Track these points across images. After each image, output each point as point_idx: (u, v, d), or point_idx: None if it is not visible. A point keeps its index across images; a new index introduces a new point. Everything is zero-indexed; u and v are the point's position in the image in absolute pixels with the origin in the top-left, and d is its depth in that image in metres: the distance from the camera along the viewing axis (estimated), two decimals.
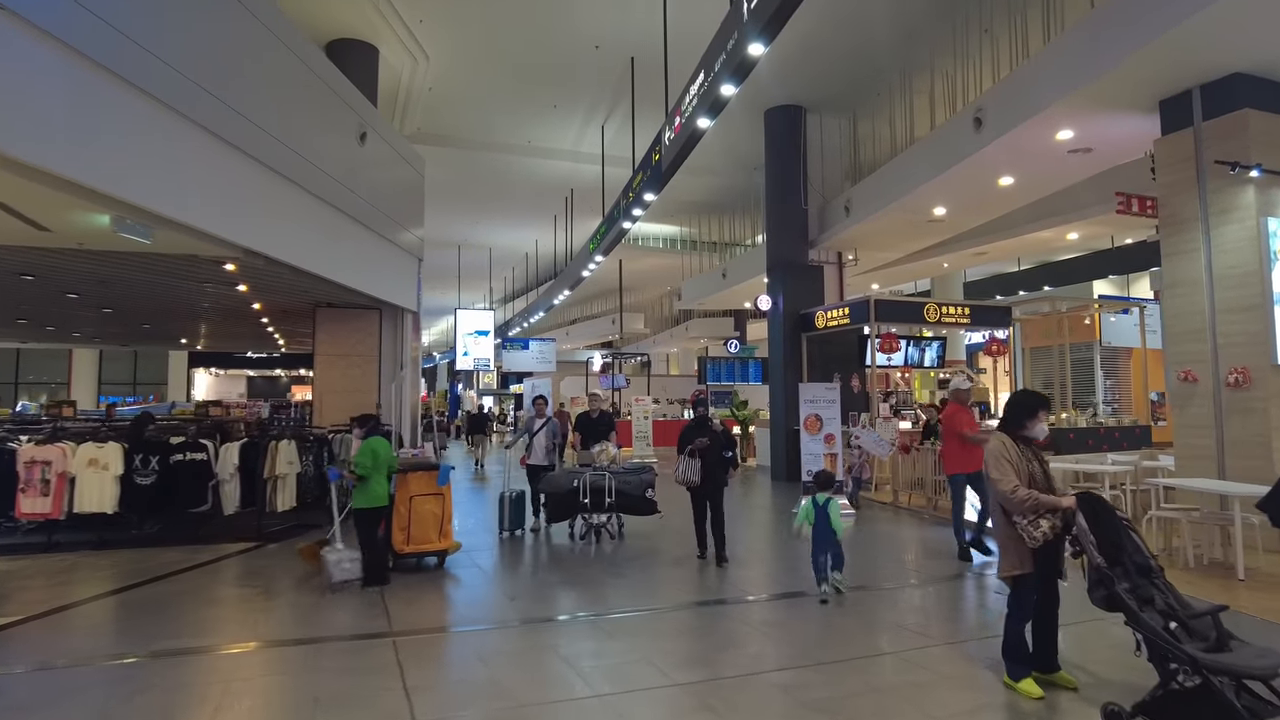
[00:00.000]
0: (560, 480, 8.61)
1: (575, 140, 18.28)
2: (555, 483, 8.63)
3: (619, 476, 8.54)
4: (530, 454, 9.64)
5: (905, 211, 13.69)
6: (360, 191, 11.35)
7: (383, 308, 13.17)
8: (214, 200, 7.27)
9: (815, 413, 10.75)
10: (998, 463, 4.20)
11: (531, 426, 9.82)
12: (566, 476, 8.58)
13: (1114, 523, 3.78)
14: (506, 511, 9.32)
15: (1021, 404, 4.44)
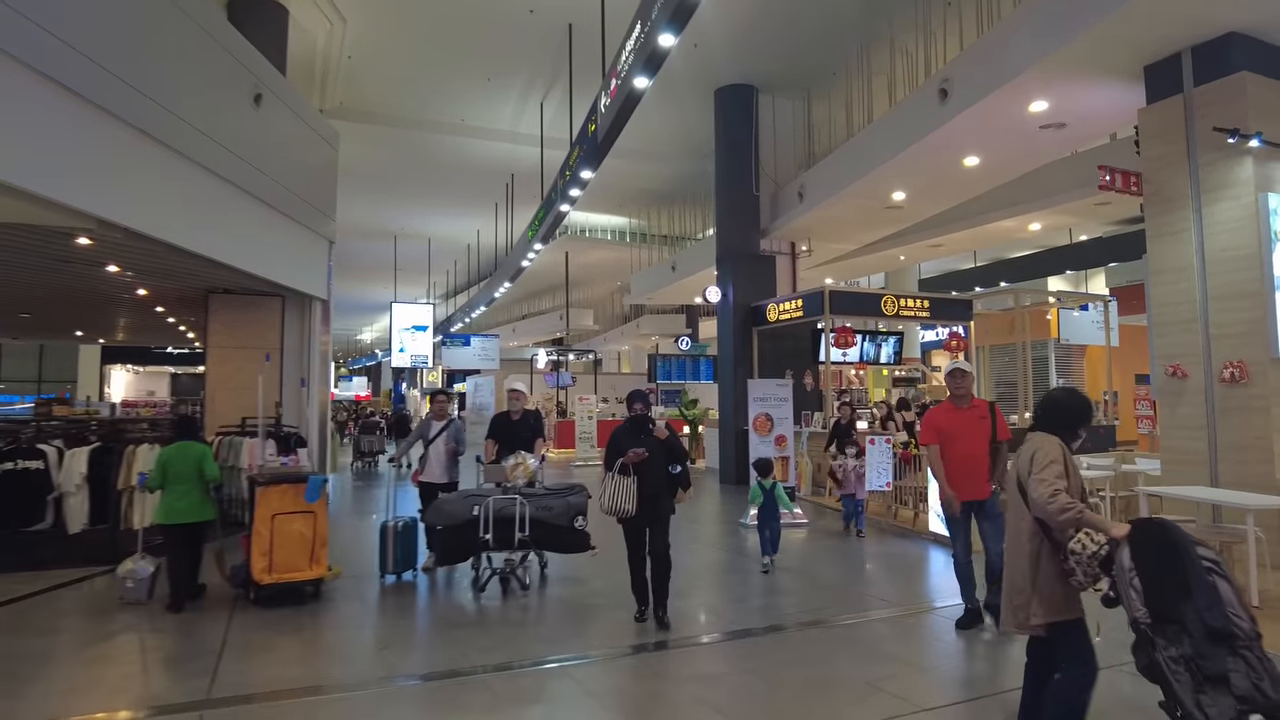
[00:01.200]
0: (454, 507, 6.26)
1: (513, 119, 17.01)
2: (447, 510, 6.25)
3: (537, 500, 6.30)
4: (424, 468, 7.28)
5: (863, 196, 12.76)
6: (257, 163, 9.99)
7: (286, 295, 11.76)
8: (49, 157, 5.93)
9: (765, 412, 9.71)
10: (1045, 464, 3.17)
11: (426, 432, 7.41)
12: (463, 502, 6.27)
13: (1181, 562, 2.73)
14: (390, 547, 6.84)
15: (1074, 407, 3.44)
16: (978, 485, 5.26)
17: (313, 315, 12.16)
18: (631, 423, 5.63)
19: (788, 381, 10.05)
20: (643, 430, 5.57)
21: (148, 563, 6.26)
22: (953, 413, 5.43)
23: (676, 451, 5.63)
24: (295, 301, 12.10)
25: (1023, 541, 3.30)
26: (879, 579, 6.99)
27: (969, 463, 5.26)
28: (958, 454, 5.28)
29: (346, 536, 9.21)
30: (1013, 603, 3.34)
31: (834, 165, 12.96)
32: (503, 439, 7.02)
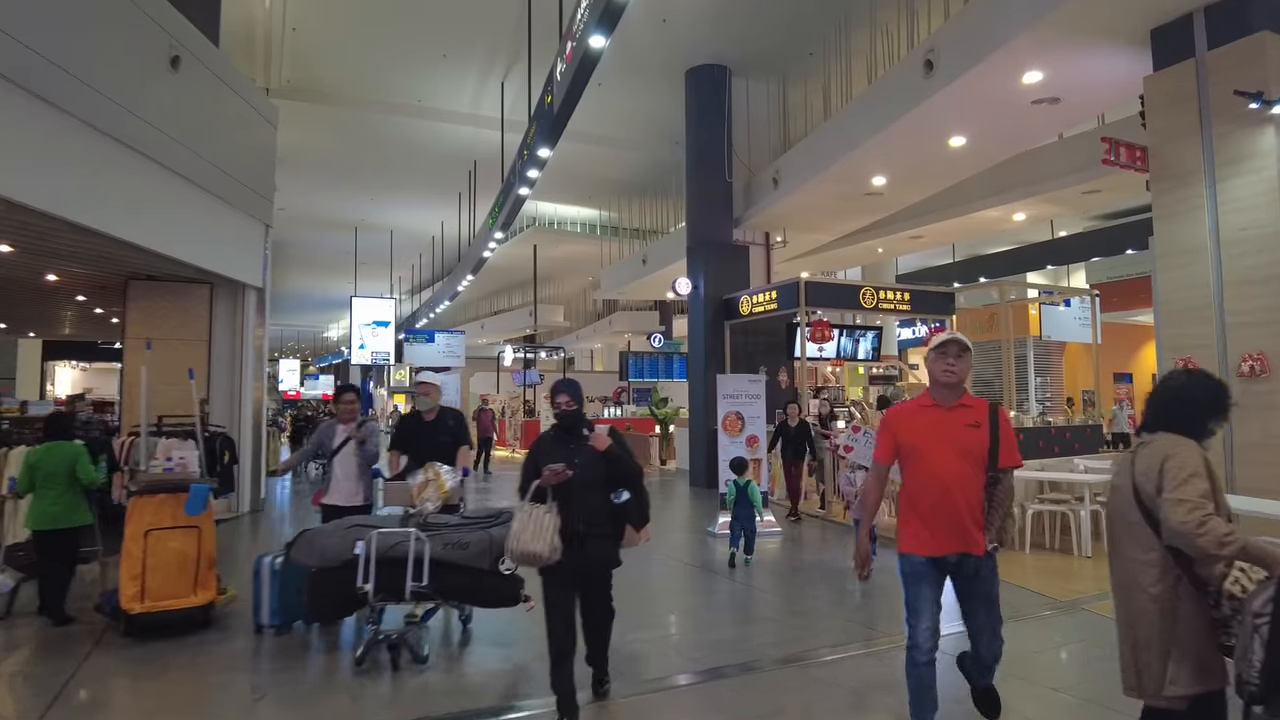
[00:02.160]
0: (330, 541, 4.48)
1: (473, 101, 16.06)
2: (320, 545, 4.49)
3: (446, 534, 4.48)
4: (328, 485, 5.54)
5: (841, 181, 11.99)
6: (177, 134, 9.01)
7: (215, 282, 10.76)
8: None
9: (736, 410, 8.90)
10: (1185, 478, 2.35)
11: (328, 439, 5.61)
12: (345, 534, 4.48)
13: None
14: (265, 591, 5.07)
15: (1208, 397, 2.55)
16: (959, 530, 3.19)
17: (246, 305, 11.16)
18: (557, 430, 3.88)
19: (760, 377, 9.25)
20: (571, 437, 3.80)
21: (8, 576, 5.55)
22: (927, 414, 3.30)
23: (622, 470, 3.78)
24: (227, 290, 11.09)
25: (1145, 581, 2.48)
26: (863, 601, 6.19)
27: (948, 492, 3.17)
28: (931, 476, 3.21)
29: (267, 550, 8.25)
30: (1137, 663, 2.51)
31: (811, 148, 12.19)
32: (412, 447, 5.41)
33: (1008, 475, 3.26)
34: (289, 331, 57.82)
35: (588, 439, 3.77)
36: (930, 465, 3.21)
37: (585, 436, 3.79)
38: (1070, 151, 12.24)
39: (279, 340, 60.00)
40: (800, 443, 9.65)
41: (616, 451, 3.76)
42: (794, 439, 9.62)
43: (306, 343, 62.22)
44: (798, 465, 9.79)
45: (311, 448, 5.96)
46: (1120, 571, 2.60)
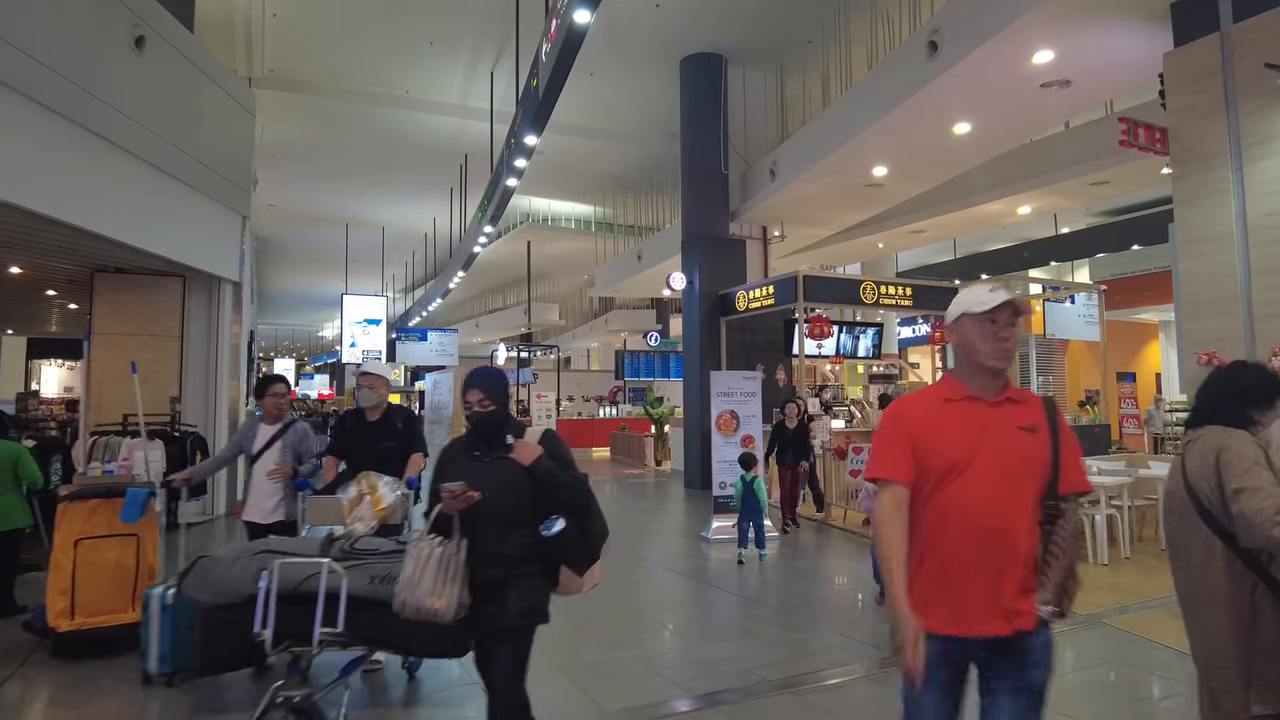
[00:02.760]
0: (229, 572, 3.50)
1: (462, 91, 15.62)
2: (217, 577, 3.51)
3: (371, 566, 3.47)
4: (249, 498, 4.67)
5: (841, 172, 11.56)
6: (146, 120, 8.61)
7: (189, 275, 10.32)
8: None
9: (730, 408, 8.47)
10: (1246, 467, 2.17)
11: (248, 442, 4.74)
12: (249, 562, 3.49)
13: None
14: (154, 631, 4.05)
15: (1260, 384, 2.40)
16: (1010, 595, 2.02)
17: (221, 299, 10.71)
18: (470, 436, 2.84)
19: (756, 374, 8.82)
20: (487, 445, 2.77)
21: None
22: (962, 411, 2.10)
23: (555, 489, 2.71)
24: (201, 283, 10.65)
25: (1215, 592, 2.21)
26: (867, 614, 5.75)
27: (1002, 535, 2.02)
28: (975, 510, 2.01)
29: None
30: (1210, 685, 2.24)
31: (810, 137, 11.75)
32: (351, 453, 4.49)
33: (1073, 505, 2.07)
34: (284, 331, 57.36)
35: (510, 448, 2.70)
36: (973, 493, 1.97)
37: (507, 445, 2.72)
38: (1078, 141, 11.83)
39: (274, 339, 59.56)
40: (801, 445, 9.08)
41: (546, 465, 2.67)
42: (793, 441, 9.04)
43: (301, 342, 61.73)
44: (796, 470, 9.13)
45: (228, 452, 5.04)
46: (1186, 584, 2.31)
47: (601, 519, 2.85)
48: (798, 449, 9.01)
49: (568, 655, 4.58)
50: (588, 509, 2.79)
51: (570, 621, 5.25)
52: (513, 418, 2.91)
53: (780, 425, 9.07)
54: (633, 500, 12.58)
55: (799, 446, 9.01)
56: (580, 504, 2.77)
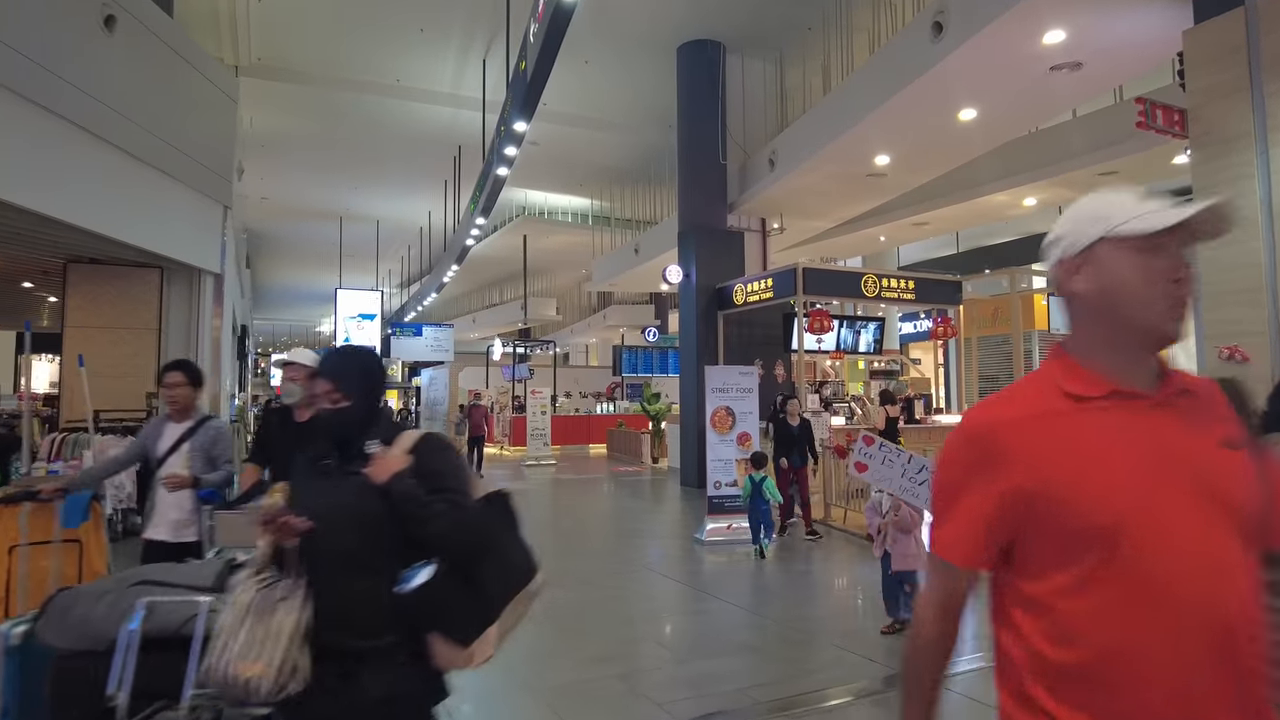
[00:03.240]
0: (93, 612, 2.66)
1: (453, 80, 15.25)
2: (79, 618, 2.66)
3: None
4: (152, 513, 3.86)
5: (842, 160, 11.20)
6: (118, 105, 8.24)
7: (166, 267, 9.97)
8: None
9: (726, 404, 8.13)
10: None
11: (152, 444, 3.82)
12: (121, 596, 2.70)
13: None
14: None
15: None
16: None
17: (202, 291, 10.35)
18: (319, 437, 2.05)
19: (752, 369, 8.47)
20: (342, 452, 1.96)
21: None
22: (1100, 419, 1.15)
23: (422, 520, 1.82)
24: (180, 275, 10.29)
25: None
26: (868, 624, 5.41)
27: (1206, 645, 1.06)
28: (1176, 599, 1.07)
29: None
30: None
31: (810, 125, 11.39)
32: (275, 460, 3.85)
33: None
34: (280, 326, 57.13)
35: (367, 457, 1.86)
36: (1164, 567, 1.08)
37: (364, 457, 1.87)
38: (1087, 129, 11.48)
39: (271, 335, 59.27)
40: (804, 445, 8.51)
41: (405, 486, 1.81)
42: (796, 441, 8.46)
43: (299, 337, 61.42)
44: (801, 472, 8.51)
45: (127, 454, 4.09)
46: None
47: (517, 560, 2.00)
48: (804, 449, 8.52)
49: (539, 672, 4.25)
50: (480, 550, 1.87)
51: (545, 633, 4.92)
52: (388, 417, 2.07)
53: (783, 424, 8.53)
54: (626, 499, 12.26)
55: (803, 446, 8.51)
56: (466, 543, 1.84)
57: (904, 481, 4.52)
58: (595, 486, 13.83)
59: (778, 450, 8.40)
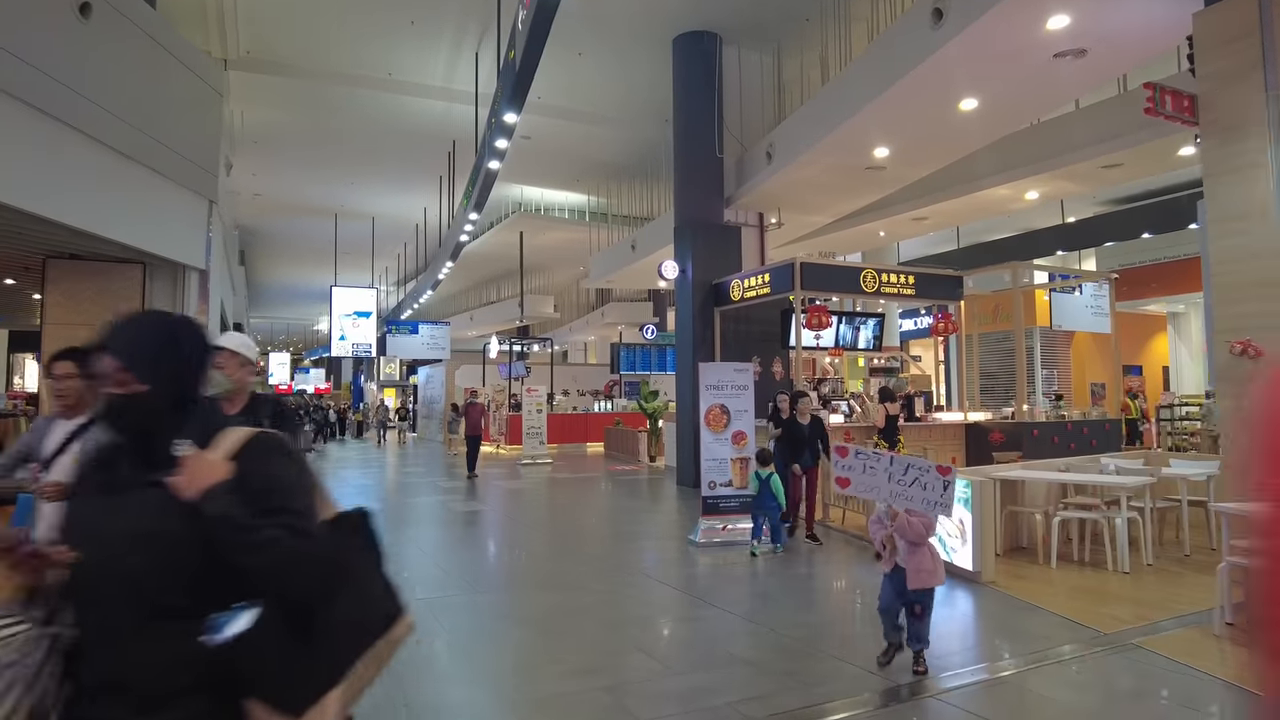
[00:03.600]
0: None
1: (446, 73, 15.02)
2: None
3: None
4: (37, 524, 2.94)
5: (840, 152, 10.97)
6: (95, 96, 8.01)
7: (149, 262, 9.75)
8: None
9: (720, 402, 7.90)
10: None
11: (41, 440, 3.23)
12: None
13: None
14: None
15: None
16: None
17: (187, 288, 10.14)
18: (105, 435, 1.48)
19: (748, 366, 8.24)
20: (137, 457, 1.43)
21: None
22: None
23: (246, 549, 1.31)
24: (164, 272, 10.08)
25: None
26: (867, 630, 5.20)
27: None
28: None
29: None
30: None
31: (808, 116, 11.16)
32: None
33: None
34: (279, 325, 56.94)
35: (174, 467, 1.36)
36: None
37: (169, 462, 1.37)
38: (1091, 121, 11.25)
39: (269, 333, 59.08)
40: (816, 444, 8.02)
41: (223, 506, 1.33)
42: (809, 441, 7.98)
43: (297, 335, 61.24)
44: (813, 473, 8.04)
45: (9, 458, 3.50)
46: None
47: (373, 600, 1.54)
48: (816, 449, 8.02)
49: (520, 685, 4.04)
50: (324, 589, 1.38)
51: (528, 642, 4.71)
52: (207, 410, 1.57)
53: (791, 422, 7.98)
54: (621, 499, 12.04)
55: (818, 446, 8.02)
56: (304, 580, 1.36)
57: (893, 487, 4.14)
58: (590, 486, 13.63)
59: (788, 451, 7.90)
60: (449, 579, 6.61)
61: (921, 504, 4.06)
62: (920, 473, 4.10)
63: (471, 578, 6.60)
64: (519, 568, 7.12)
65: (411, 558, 7.51)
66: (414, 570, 6.97)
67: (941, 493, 4.04)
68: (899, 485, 4.13)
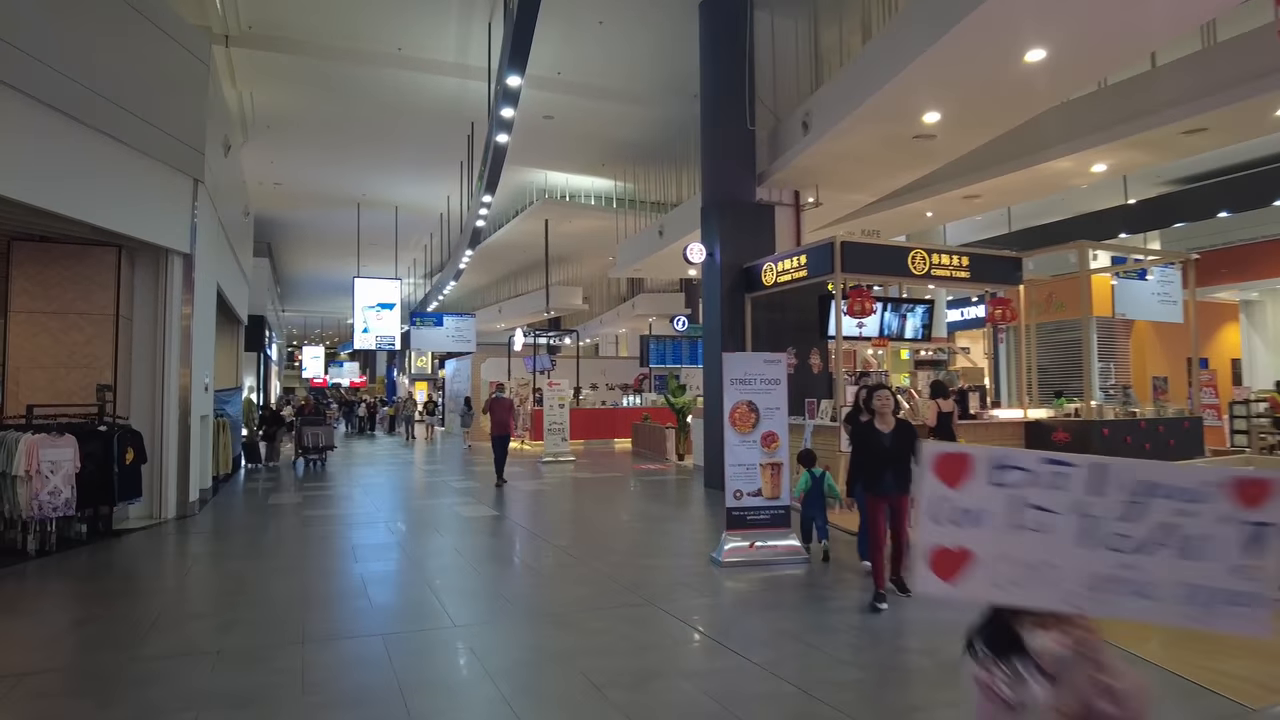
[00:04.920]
0: None
1: (459, 48, 14.10)
2: None
3: None
4: None
5: (885, 118, 9.80)
6: (61, 66, 7.36)
7: (126, 245, 9.00)
8: None
9: (747, 399, 6.85)
10: None
11: None
12: None
13: None
14: None
15: None
16: None
17: (170, 274, 9.39)
18: None
19: (780, 356, 7.12)
20: None
21: None
22: None
23: None
24: (146, 256, 9.34)
25: None
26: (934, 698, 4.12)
27: None
28: None
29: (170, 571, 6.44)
30: None
31: (850, 77, 9.99)
32: None
33: None
34: (313, 319, 56.89)
35: None
36: None
37: None
38: (1172, 78, 9.95)
39: (303, 327, 59.18)
40: (904, 463, 5.44)
41: None
42: (892, 455, 5.45)
43: (331, 329, 61.26)
44: (902, 503, 5.51)
45: None
46: None
47: None
48: (902, 469, 5.45)
49: None
50: None
51: (482, 703, 3.74)
52: None
53: (866, 430, 5.61)
54: (641, 503, 11.04)
55: (903, 465, 5.44)
56: None
57: (1106, 563, 1.81)
58: (610, 488, 12.65)
59: (864, 471, 5.65)
60: (425, 602, 5.69)
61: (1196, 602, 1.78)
62: (1199, 512, 1.76)
63: (452, 601, 5.66)
64: (509, 591, 6.17)
65: (389, 572, 6.62)
66: (383, 590, 6.06)
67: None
68: (1136, 558, 1.80)
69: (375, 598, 5.76)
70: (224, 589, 6.35)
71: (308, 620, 5.15)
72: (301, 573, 6.63)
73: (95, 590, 6.28)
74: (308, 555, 7.50)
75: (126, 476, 8.06)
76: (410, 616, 5.36)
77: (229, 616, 5.30)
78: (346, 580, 6.38)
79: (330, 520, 9.45)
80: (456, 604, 5.58)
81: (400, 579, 6.52)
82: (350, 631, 4.92)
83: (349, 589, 6.08)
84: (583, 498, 11.63)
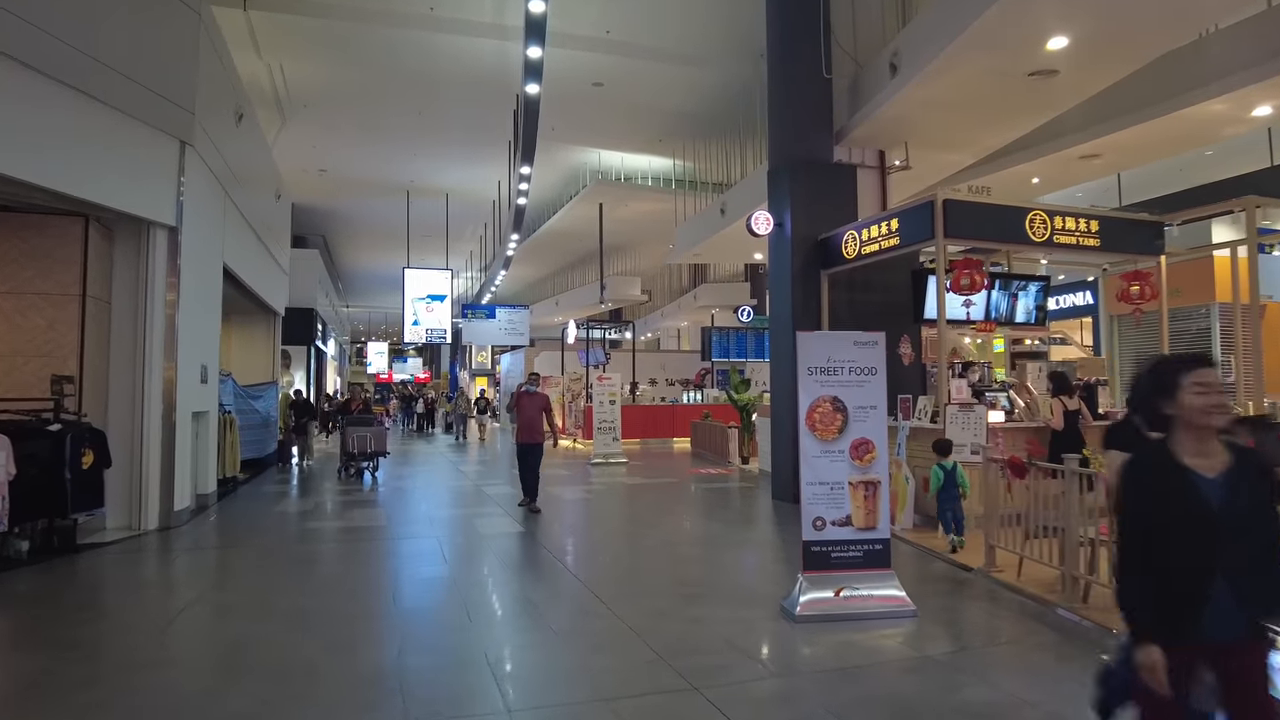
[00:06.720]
0: None
1: (495, 7, 12.66)
2: None
3: None
4: None
5: (993, 46, 7.88)
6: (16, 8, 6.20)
7: (96, 216, 7.80)
8: None
9: (831, 394, 5.11)
10: None
11: None
12: None
13: None
14: None
15: None
16: None
17: (152, 249, 8.15)
18: None
19: (876, 336, 5.34)
20: None
21: None
22: None
23: None
24: (125, 230, 8.14)
25: None
26: None
27: None
28: None
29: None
30: None
31: (949, 3, 8.10)
32: None
33: None
34: (376, 314, 56.88)
35: None
36: None
37: None
38: None
39: (367, 323, 59.23)
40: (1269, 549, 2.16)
41: None
42: (1238, 529, 2.10)
43: (394, 325, 61.22)
44: (1256, 652, 2.15)
45: None
46: None
47: None
48: (1263, 563, 2.13)
49: None
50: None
51: None
52: None
53: (1163, 461, 2.21)
54: (696, 519, 9.36)
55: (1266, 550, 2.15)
56: None
57: None
58: (662, 497, 11.01)
59: (1156, 572, 2.16)
60: (384, 675, 4.16)
61: None
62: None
63: (414, 679, 4.12)
64: (493, 657, 4.61)
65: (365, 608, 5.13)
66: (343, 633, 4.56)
67: None
68: None
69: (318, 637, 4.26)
70: (155, 643, 4.91)
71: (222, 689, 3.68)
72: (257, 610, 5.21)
73: None
74: (273, 589, 6.10)
75: (83, 483, 6.83)
76: (341, 711, 3.83)
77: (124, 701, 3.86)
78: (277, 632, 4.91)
79: (324, 535, 8.10)
80: (419, 683, 4.04)
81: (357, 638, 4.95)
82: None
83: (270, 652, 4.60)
84: (628, 510, 10.04)
